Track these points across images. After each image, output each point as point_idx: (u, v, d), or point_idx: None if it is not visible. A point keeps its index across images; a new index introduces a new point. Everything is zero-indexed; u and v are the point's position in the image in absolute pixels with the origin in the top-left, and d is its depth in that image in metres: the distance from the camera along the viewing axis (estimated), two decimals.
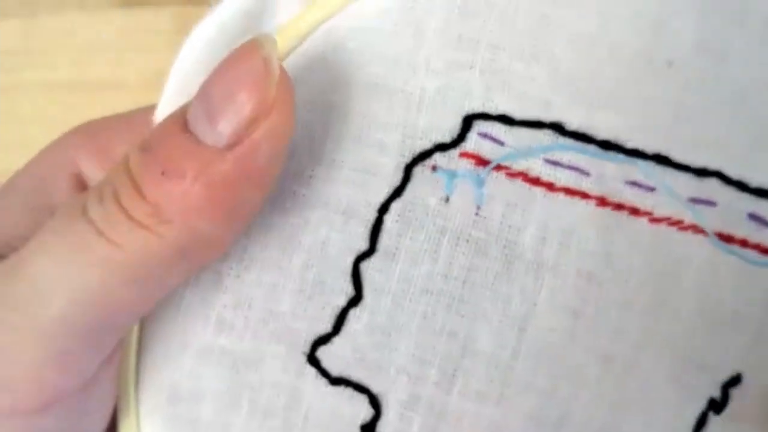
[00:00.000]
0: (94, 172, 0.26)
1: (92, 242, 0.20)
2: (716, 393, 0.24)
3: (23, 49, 0.44)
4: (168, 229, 0.19)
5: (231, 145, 0.19)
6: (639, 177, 0.23)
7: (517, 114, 0.22)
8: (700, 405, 0.24)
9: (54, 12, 0.45)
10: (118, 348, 0.23)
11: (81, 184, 0.26)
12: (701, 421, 0.24)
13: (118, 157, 0.25)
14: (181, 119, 0.20)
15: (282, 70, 0.20)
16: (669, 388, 0.24)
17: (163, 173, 0.19)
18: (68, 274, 0.20)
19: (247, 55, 0.19)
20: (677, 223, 0.23)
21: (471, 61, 0.22)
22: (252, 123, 0.19)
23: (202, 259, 0.21)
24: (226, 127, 0.19)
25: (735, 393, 0.24)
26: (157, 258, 0.20)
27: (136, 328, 0.24)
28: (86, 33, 0.44)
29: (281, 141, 0.20)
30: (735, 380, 0.24)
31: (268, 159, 0.20)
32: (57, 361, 0.20)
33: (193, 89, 0.21)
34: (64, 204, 0.21)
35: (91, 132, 0.27)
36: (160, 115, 0.24)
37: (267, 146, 0.19)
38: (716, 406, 0.24)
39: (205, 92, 0.20)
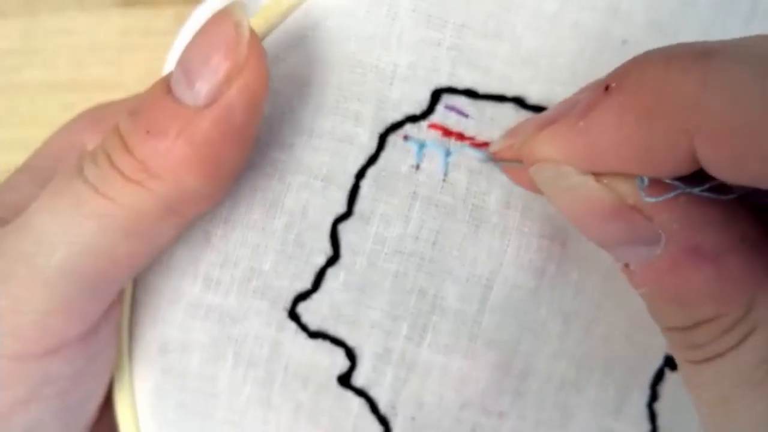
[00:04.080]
0: None
1: (88, 198, 0.21)
2: None
3: (23, 49, 0.44)
4: (156, 183, 0.21)
5: (208, 104, 0.20)
6: None
7: (481, 88, 0.24)
8: (657, 362, 0.25)
9: (54, 12, 0.44)
10: (118, 299, 0.24)
11: None
12: (658, 377, 0.25)
13: None
14: (165, 84, 0.21)
15: (252, 33, 0.21)
16: (627, 345, 0.25)
17: (148, 132, 0.21)
18: (67, 227, 0.21)
19: (219, 22, 0.21)
20: None
21: (439, 39, 0.23)
22: (226, 82, 0.20)
23: (190, 212, 0.22)
24: (202, 87, 0.20)
25: None
26: (148, 210, 0.21)
27: (129, 284, 0.25)
28: (86, 33, 0.45)
29: (255, 98, 0.21)
30: None
31: (243, 116, 0.21)
32: (61, 308, 0.21)
33: None
34: (63, 168, 0.22)
35: (97, 116, 0.28)
36: None
37: (241, 103, 0.21)
38: (672, 363, 0.25)
39: (183, 57, 0.21)
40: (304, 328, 0.25)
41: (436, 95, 0.24)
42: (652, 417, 0.25)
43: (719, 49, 0.16)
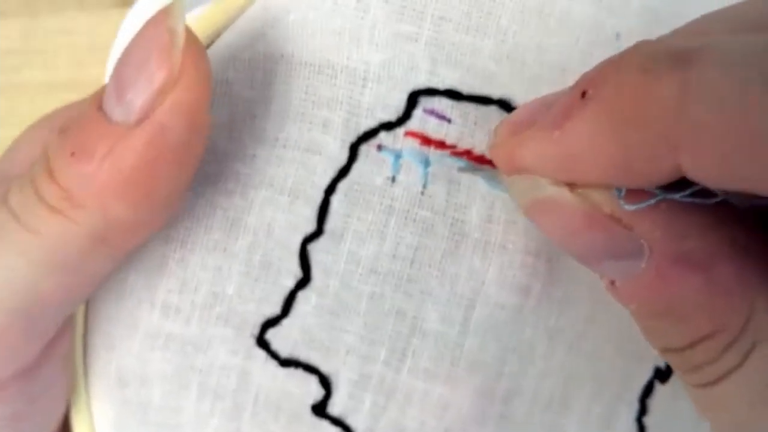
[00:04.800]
0: None
1: (12, 230, 0.19)
2: (662, 363, 0.24)
3: (23, 49, 0.43)
4: (80, 213, 0.18)
5: (139, 122, 0.18)
6: None
7: (465, 89, 0.21)
8: (647, 374, 0.24)
9: (54, 12, 0.44)
10: (62, 334, 0.22)
11: None
12: (647, 390, 0.24)
13: None
14: (98, 98, 0.19)
15: (190, 38, 0.18)
16: (616, 359, 0.23)
17: (73, 155, 0.18)
18: None
19: (152, 27, 0.18)
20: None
21: (416, 33, 0.21)
22: (157, 97, 0.18)
23: (125, 244, 0.20)
24: (132, 102, 0.18)
25: None
26: (74, 243, 0.19)
27: (81, 313, 0.23)
28: (86, 33, 0.45)
29: (193, 114, 0.18)
30: None
31: (179, 134, 0.18)
32: None
33: None
34: None
35: (54, 125, 0.27)
36: None
37: (176, 120, 0.18)
38: (662, 375, 0.24)
39: (115, 68, 0.18)
40: (274, 355, 0.23)
41: (414, 98, 0.21)
42: (642, 431, 0.24)
43: (699, 50, 0.15)
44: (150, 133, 0.18)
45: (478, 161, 0.21)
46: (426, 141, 0.21)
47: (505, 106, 0.21)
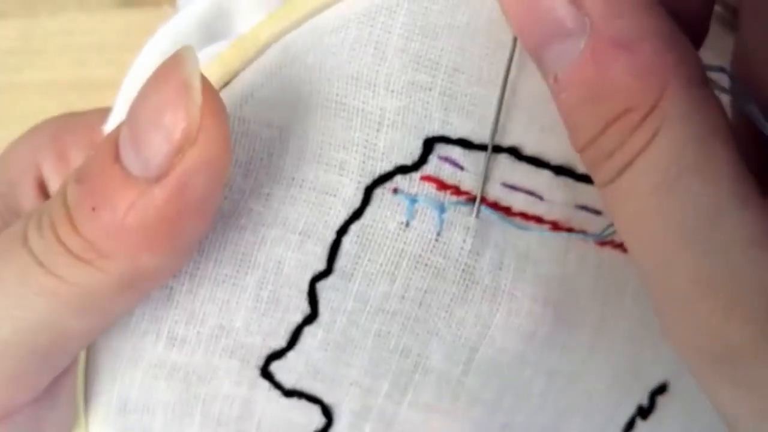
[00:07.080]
0: (52, 176, 0.25)
1: (35, 273, 0.18)
2: (645, 400, 0.24)
3: (23, 49, 0.42)
4: (108, 263, 0.18)
5: (160, 177, 0.17)
6: (587, 202, 0.22)
7: (476, 138, 0.20)
8: (631, 410, 0.24)
9: (54, 12, 0.42)
10: (73, 363, 0.21)
11: (44, 188, 0.25)
12: (629, 425, 0.24)
13: (73, 163, 0.24)
14: (113, 147, 0.17)
15: (207, 90, 0.17)
16: (606, 395, 0.23)
17: (94, 209, 0.17)
18: (13, 301, 0.18)
19: (164, 77, 0.17)
20: (620, 246, 0.22)
21: (430, 83, 0.20)
22: (177, 152, 0.17)
23: (149, 286, 0.19)
24: (151, 157, 0.17)
25: (660, 400, 0.24)
26: (102, 290, 0.18)
27: None
28: (86, 33, 0.43)
29: (214, 168, 0.17)
30: (662, 388, 0.24)
31: (202, 190, 0.17)
32: (6, 381, 0.19)
33: None
34: (8, 229, 0.19)
35: (52, 133, 0.25)
36: (109, 128, 0.22)
37: (199, 177, 0.17)
38: (643, 412, 0.24)
39: (130, 117, 0.17)
40: (278, 386, 0.22)
41: (429, 144, 0.20)
42: None
43: None
44: (172, 190, 0.17)
45: (491, 208, 0.21)
46: (442, 186, 0.21)
47: (515, 153, 0.21)
